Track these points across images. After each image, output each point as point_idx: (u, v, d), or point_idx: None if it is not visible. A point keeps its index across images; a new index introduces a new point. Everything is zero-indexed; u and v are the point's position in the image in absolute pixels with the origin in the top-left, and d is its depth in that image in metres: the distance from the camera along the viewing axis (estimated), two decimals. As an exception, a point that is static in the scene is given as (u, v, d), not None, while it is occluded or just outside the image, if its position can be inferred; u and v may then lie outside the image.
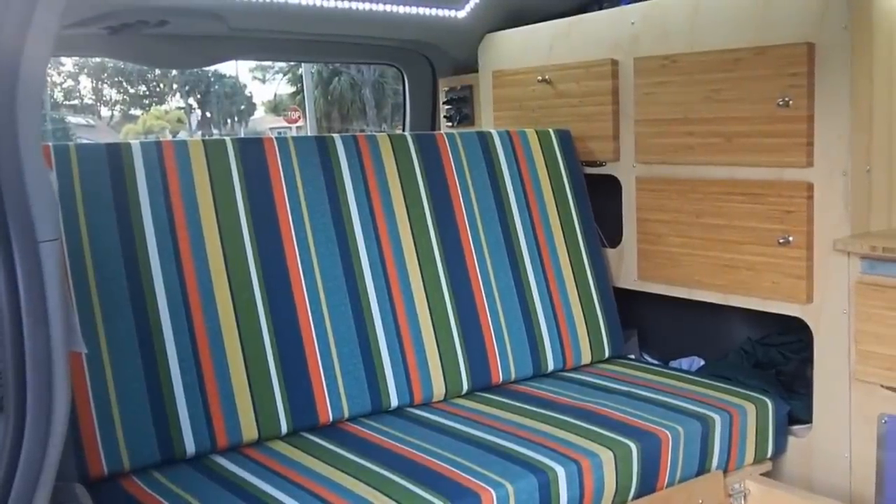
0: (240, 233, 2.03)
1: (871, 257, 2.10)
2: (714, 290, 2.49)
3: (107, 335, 1.80)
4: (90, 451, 1.72)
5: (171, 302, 1.89)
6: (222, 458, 1.86)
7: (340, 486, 1.70)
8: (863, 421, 2.16)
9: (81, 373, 1.75)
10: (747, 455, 2.21)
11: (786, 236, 2.26)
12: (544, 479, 1.79)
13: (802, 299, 2.26)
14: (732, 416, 2.16)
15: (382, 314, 2.19)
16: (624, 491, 1.93)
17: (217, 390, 1.90)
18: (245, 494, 1.66)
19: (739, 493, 2.18)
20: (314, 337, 2.06)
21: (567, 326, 2.53)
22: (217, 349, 1.92)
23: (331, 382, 2.06)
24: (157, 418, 1.82)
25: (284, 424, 1.98)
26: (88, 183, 1.88)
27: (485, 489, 1.71)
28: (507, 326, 2.40)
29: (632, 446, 1.94)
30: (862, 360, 2.12)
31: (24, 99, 0.96)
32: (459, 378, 2.28)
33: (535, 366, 2.44)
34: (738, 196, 2.38)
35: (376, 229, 2.25)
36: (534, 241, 2.55)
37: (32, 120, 0.98)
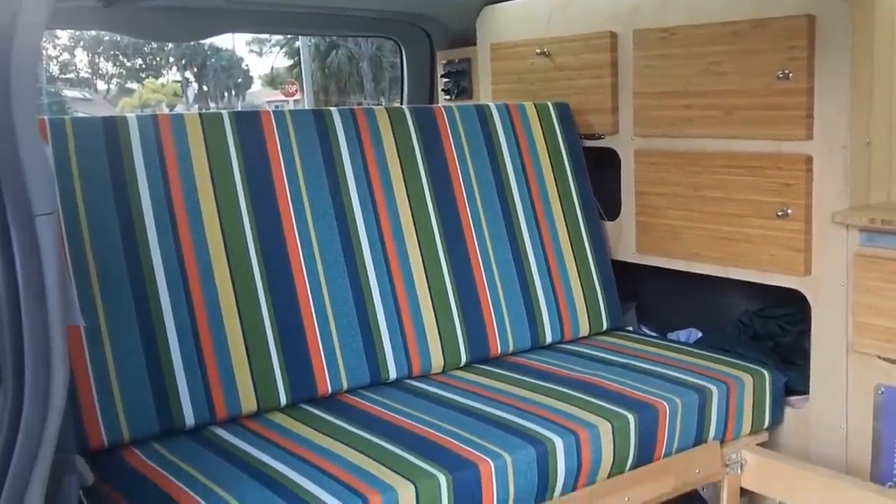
0: (237, 206, 2.03)
1: (869, 230, 2.10)
2: (712, 263, 2.50)
3: (105, 308, 1.81)
4: (90, 423, 1.73)
5: (169, 274, 1.89)
6: (222, 430, 1.87)
7: (339, 457, 1.71)
8: (859, 392, 2.17)
9: (80, 346, 1.76)
10: (744, 426, 2.22)
11: (785, 209, 2.26)
12: (542, 450, 1.80)
13: (801, 272, 2.27)
14: (729, 387, 2.17)
15: (380, 286, 2.19)
16: (621, 461, 1.95)
17: (216, 362, 1.90)
18: (245, 465, 1.67)
19: (736, 463, 2.19)
20: (312, 309, 2.07)
21: (565, 299, 2.53)
22: (215, 322, 1.92)
23: (329, 355, 2.06)
24: (157, 390, 1.82)
25: (283, 396, 1.99)
26: (85, 157, 1.87)
27: (483, 460, 1.73)
28: (506, 299, 2.40)
29: (629, 417, 1.95)
30: (859, 331, 2.13)
31: (18, 72, 0.95)
32: (458, 350, 2.28)
33: (533, 338, 2.45)
34: (737, 169, 2.38)
35: (374, 202, 2.25)
36: (532, 214, 2.54)
37: (27, 93, 0.98)
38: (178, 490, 1.57)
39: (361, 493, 1.57)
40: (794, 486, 2.10)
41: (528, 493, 1.79)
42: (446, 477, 1.66)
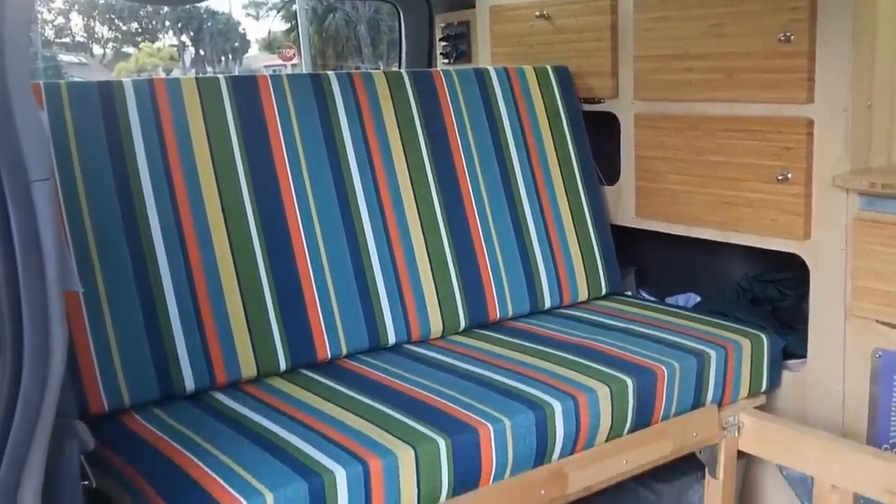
0: (234, 171, 2.02)
1: (869, 194, 2.09)
2: (712, 228, 2.49)
3: (103, 274, 1.80)
4: (90, 388, 1.74)
5: (167, 240, 1.89)
6: (222, 395, 1.88)
7: (339, 422, 1.72)
8: (857, 355, 2.18)
9: (79, 311, 1.76)
10: (742, 389, 2.23)
11: (785, 173, 2.25)
12: (541, 414, 1.81)
13: (800, 236, 2.26)
14: (728, 351, 2.18)
15: (379, 252, 2.19)
16: (619, 425, 1.96)
17: (215, 327, 1.90)
18: (245, 430, 1.68)
19: (733, 426, 2.21)
20: (311, 275, 2.07)
21: (564, 263, 2.53)
22: (213, 287, 1.92)
23: (328, 320, 2.07)
24: (156, 355, 1.83)
25: (283, 361, 1.99)
26: (81, 121, 1.86)
27: (482, 424, 1.74)
28: (504, 263, 2.40)
29: (628, 381, 1.96)
30: (858, 295, 2.13)
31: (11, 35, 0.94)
32: (457, 315, 2.29)
33: (531, 303, 2.45)
34: (737, 133, 2.37)
35: (372, 167, 2.24)
36: (531, 179, 2.53)
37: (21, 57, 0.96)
38: (178, 454, 1.58)
39: (361, 457, 1.58)
40: (790, 448, 2.12)
41: (526, 457, 1.80)
42: (445, 441, 1.67)
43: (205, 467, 1.53)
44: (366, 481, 1.57)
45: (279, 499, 1.47)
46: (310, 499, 1.50)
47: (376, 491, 1.58)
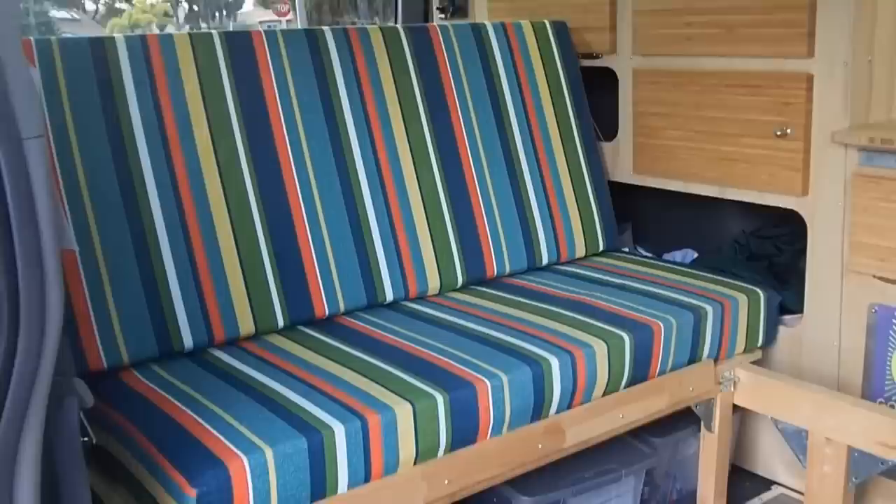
0: (230, 128, 2.00)
1: (868, 149, 2.09)
2: (710, 184, 2.49)
3: (99, 232, 1.80)
4: (89, 346, 1.75)
5: (163, 198, 1.88)
6: (220, 352, 1.88)
7: (337, 378, 1.73)
8: (853, 311, 2.19)
9: (76, 270, 1.75)
10: (738, 344, 2.24)
11: (784, 128, 2.24)
12: (538, 370, 1.82)
13: (798, 192, 2.26)
14: (724, 306, 2.18)
15: (376, 209, 2.18)
16: (616, 380, 1.97)
17: (212, 285, 1.90)
18: (243, 386, 1.69)
19: (729, 381, 2.22)
20: (308, 232, 2.06)
21: (562, 220, 2.53)
22: (210, 245, 1.92)
23: (326, 277, 2.07)
24: (154, 313, 1.83)
25: (281, 318, 2.00)
26: (73, 79, 1.83)
27: (480, 379, 1.74)
28: (502, 220, 2.40)
29: (624, 337, 1.97)
30: (855, 251, 2.13)
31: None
32: (454, 272, 2.29)
33: (529, 259, 2.45)
34: (737, 88, 2.35)
35: (369, 124, 2.22)
36: (528, 135, 2.52)
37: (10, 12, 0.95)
38: (178, 410, 1.59)
39: (359, 412, 1.60)
40: (785, 402, 2.14)
41: (524, 412, 1.81)
42: (443, 396, 1.68)
43: (204, 423, 1.54)
44: (364, 437, 1.58)
45: (278, 454, 1.48)
46: (309, 454, 1.51)
47: (375, 446, 1.60)
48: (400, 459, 1.64)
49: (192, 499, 1.40)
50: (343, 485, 1.58)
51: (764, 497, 2.38)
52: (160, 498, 1.47)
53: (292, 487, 1.51)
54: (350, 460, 1.57)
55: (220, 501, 1.43)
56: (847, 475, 2.03)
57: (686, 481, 2.37)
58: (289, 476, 1.50)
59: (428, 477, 1.69)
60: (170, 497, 1.44)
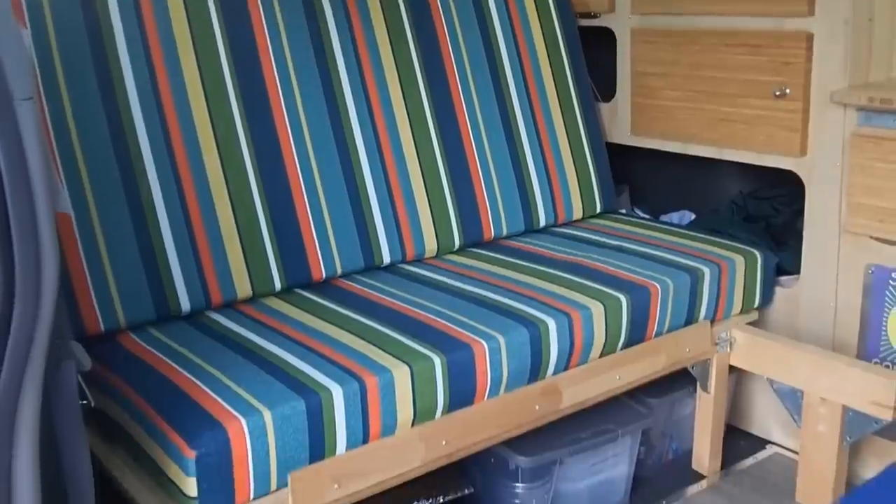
0: (224, 88, 1.98)
1: (867, 109, 2.08)
2: (708, 145, 2.48)
3: (95, 196, 1.79)
4: (85, 310, 1.74)
5: (158, 162, 1.86)
6: (217, 315, 1.88)
7: (335, 340, 1.73)
8: (850, 271, 2.19)
9: (71, 235, 1.75)
10: (734, 305, 2.25)
11: (783, 88, 2.23)
12: (535, 332, 1.82)
13: (796, 152, 2.25)
14: (721, 267, 2.19)
15: (373, 171, 2.17)
16: (613, 342, 1.98)
17: (209, 248, 1.90)
18: (241, 349, 1.69)
19: (725, 342, 2.23)
20: (304, 195, 2.05)
21: (559, 181, 2.52)
22: (206, 207, 1.91)
23: (322, 240, 2.06)
24: (151, 276, 1.83)
25: (278, 281, 1.99)
26: (64, 39, 1.81)
27: (477, 341, 1.75)
28: (499, 182, 2.39)
29: (622, 299, 1.97)
30: (853, 211, 2.13)
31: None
32: (451, 234, 2.28)
33: (526, 221, 2.44)
34: (736, 47, 2.33)
35: (365, 86, 2.20)
36: (525, 96, 2.50)
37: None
38: (175, 373, 1.59)
39: (357, 374, 1.60)
40: (781, 363, 2.15)
41: (521, 373, 1.82)
42: (441, 358, 1.69)
43: (202, 386, 1.55)
44: (362, 399, 1.59)
45: (277, 416, 1.49)
46: (307, 416, 1.52)
47: (373, 408, 1.60)
48: (398, 421, 1.65)
49: (192, 461, 1.41)
50: (341, 446, 1.59)
51: (759, 456, 2.40)
52: (159, 459, 1.48)
53: (291, 449, 1.52)
54: (348, 422, 1.58)
55: (220, 463, 1.44)
56: (841, 434, 2.05)
57: (682, 441, 2.39)
58: (287, 437, 1.51)
59: (426, 438, 1.70)
60: (169, 459, 1.45)
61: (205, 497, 1.43)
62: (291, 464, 1.53)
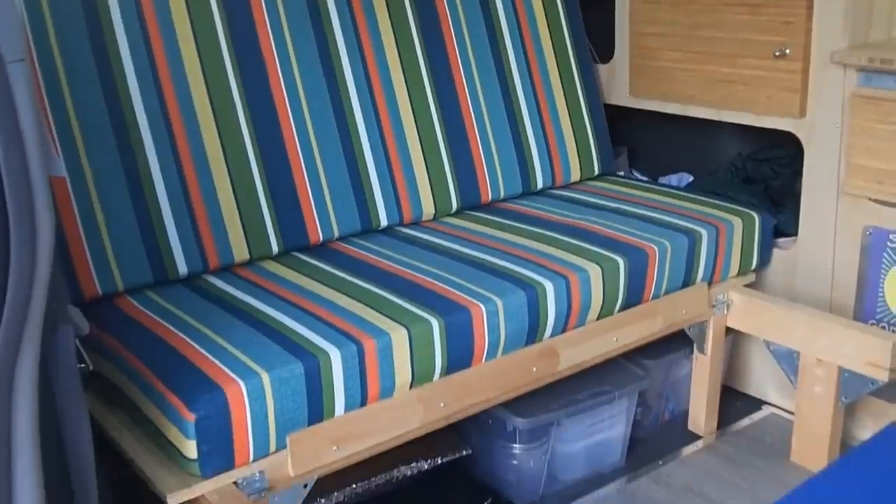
0: (219, 52, 1.96)
1: (867, 69, 2.06)
2: (707, 106, 2.46)
3: (89, 161, 1.77)
4: (82, 273, 1.74)
5: (153, 124, 1.85)
6: (215, 278, 1.88)
7: (333, 303, 1.73)
8: (847, 233, 2.19)
9: (67, 198, 1.74)
10: (732, 267, 2.25)
11: (783, 49, 2.21)
12: (533, 294, 1.82)
13: (796, 113, 2.24)
14: (719, 230, 2.18)
15: (369, 134, 2.15)
16: (610, 304, 1.98)
17: (205, 211, 1.89)
18: (239, 312, 1.69)
19: (722, 304, 2.24)
20: (301, 158, 2.04)
21: (556, 144, 2.51)
22: (202, 171, 1.90)
23: (319, 203, 2.05)
24: (147, 240, 1.82)
25: (275, 245, 1.99)
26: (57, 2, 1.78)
27: (474, 304, 1.75)
28: (496, 144, 2.38)
29: (619, 261, 1.97)
30: (852, 173, 2.13)
31: None
32: (448, 197, 2.28)
33: (524, 184, 2.44)
34: (736, 7, 2.30)
35: (361, 49, 2.18)
36: (523, 57, 2.48)
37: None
38: (174, 336, 1.59)
39: (355, 337, 1.60)
40: (778, 324, 2.15)
41: (518, 336, 1.83)
42: (438, 321, 1.69)
43: (201, 349, 1.55)
44: (360, 361, 1.59)
45: (275, 379, 1.50)
46: (305, 379, 1.53)
47: (371, 371, 1.61)
48: (396, 383, 1.66)
49: (191, 423, 1.42)
50: (340, 408, 1.60)
51: (754, 417, 2.42)
52: (158, 422, 1.48)
53: (289, 411, 1.52)
54: (346, 384, 1.58)
55: (219, 425, 1.44)
56: (837, 395, 2.06)
57: (678, 402, 2.41)
58: (286, 400, 1.51)
59: (424, 400, 1.71)
60: (168, 421, 1.46)
61: (204, 459, 1.44)
62: (290, 426, 1.54)
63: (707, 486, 2.12)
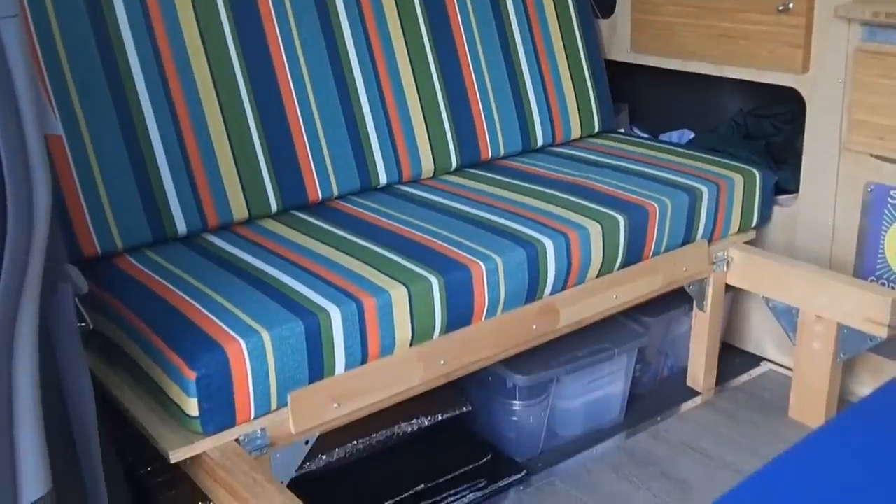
0: (216, 10, 1.93)
1: (872, 24, 2.03)
2: (709, 62, 2.44)
3: (86, 118, 1.76)
4: (81, 232, 1.74)
5: (149, 80, 1.83)
6: (214, 237, 1.88)
7: (331, 262, 1.73)
8: (849, 189, 2.18)
9: (64, 156, 1.72)
10: (732, 225, 2.25)
11: (786, 3, 2.18)
12: (532, 252, 1.82)
13: (798, 69, 2.22)
14: (720, 187, 2.17)
15: (369, 91, 2.13)
16: (610, 262, 1.98)
17: (203, 170, 1.88)
18: (238, 271, 1.69)
19: (722, 261, 2.24)
20: (299, 116, 2.02)
21: (557, 100, 2.48)
22: (200, 129, 1.88)
23: (318, 161, 2.04)
24: (146, 199, 1.81)
25: (274, 203, 1.98)
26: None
27: (474, 262, 1.75)
28: (496, 101, 2.36)
29: (619, 219, 1.97)
30: (854, 129, 2.11)
31: None
32: (448, 154, 2.26)
33: (524, 141, 2.42)
34: (738, -41, 2.27)
35: (360, 4, 2.15)
36: (523, 13, 2.44)
37: None
38: (172, 294, 1.59)
39: (355, 295, 1.60)
40: (778, 281, 2.16)
41: (518, 294, 1.83)
42: (438, 279, 1.69)
43: (201, 308, 1.55)
44: (360, 320, 1.59)
45: (275, 337, 1.50)
46: (305, 337, 1.53)
47: (371, 329, 1.61)
48: (396, 341, 1.66)
49: (192, 381, 1.42)
50: (340, 366, 1.60)
51: (753, 373, 2.43)
52: (160, 380, 1.49)
53: (290, 369, 1.53)
54: (346, 342, 1.59)
55: (220, 383, 1.45)
56: (835, 352, 2.07)
57: (677, 358, 2.42)
58: (286, 358, 1.52)
59: (424, 358, 1.72)
60: (170, 380, 1.46)
61: (206, 416, 1.45)
62: (291, 384, 1.54)
63: (705, 441, 2.14)
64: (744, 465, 2.03)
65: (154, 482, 1.73)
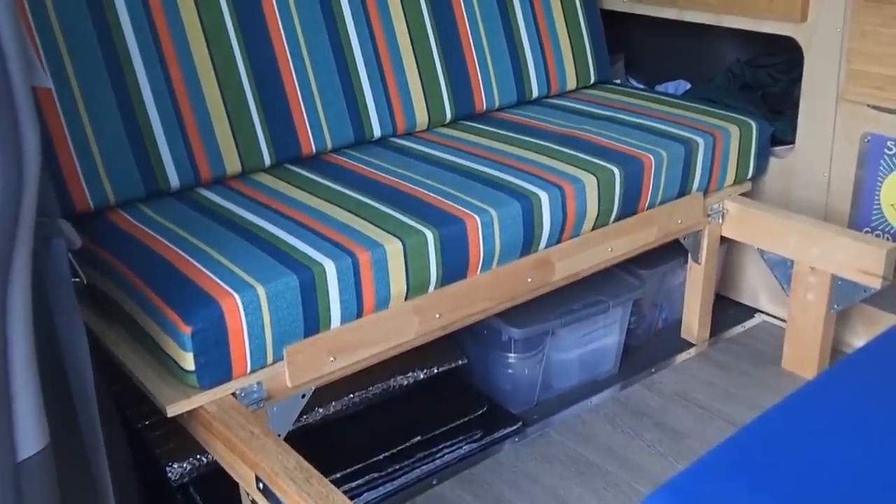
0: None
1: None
2: (706, 11, 2.41)
3: (75, 70, 1.73)
4: (73, 187, 1.72)
5: (138, 32, 1.80)
6: (207, 191, 1.86)
7: (325, 215, 1.72)
8: (845, 140, 2.17)
9: (54, 110, 1.70)
10: (728, 176, 2.24)
11: (785, -51, 2.15)
12: (527, 205, 1.81)
13: (797, 18, 2.19)
14: (716, 138, 2.16)
15: (362, 43, 2.10)
16: (606, 214, 1.98)
17: (195, 123, 1.86)
18: (232, 225, 1.68)
19: (718, 213, 2.23)
20: (292, 68, 1.99)
21: (552, 51, 2.46)
22: (192, 82, 1.86)
23: (311, 114, 2.02)
24: (138, 153, 1.79)
25: (267, 156, 1.96)
26: None
27: (469, 215, 1.74)
28: (491, 52, 2.33)
29: (615, 171, 1.96)
30: (852, 79, 2.10)
31: None
32: (442, 107, 2.24)
33: (519, 93, 2.40)
34: None
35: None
36: (518, -39, 2.40)
37: None
38: (167, 249, 1.59)
39: (349, 249, 1.60)
40: (772, 233, 2.16)
41: (513, 246, 1.82)
42: (433, 233, 1.68)
43: (195, 262, 1.54)
44: (355, 273, 1.59)
45: (270, 291, 1.50)
46: (300, 291, 1.53)
47: (366, 282, 1.61)
48: (391, 295, 1.66)
49: (188, 336, 1.42)
50: (336, 320, 1.60)
51: (747, 324, 2.44)
52: (155, 335, 1.49)
53: (286, 323, 1.53)
54: (342, 296, 1.59)
55: (216, 338, 1.45)
56: (829, 302, 2.08)
57: (672, 310, 2.43)
58: (282, 312, 1.52)
59: (419, 311, 1.72)
60: (165, 334, 1.46)
61: (202, 371, 1.46)
62: (287, 338, 1.55)
63: (699, 392, 2.15)
64: (737, 416, 2.05)
65: (152, 435, 1.74)
